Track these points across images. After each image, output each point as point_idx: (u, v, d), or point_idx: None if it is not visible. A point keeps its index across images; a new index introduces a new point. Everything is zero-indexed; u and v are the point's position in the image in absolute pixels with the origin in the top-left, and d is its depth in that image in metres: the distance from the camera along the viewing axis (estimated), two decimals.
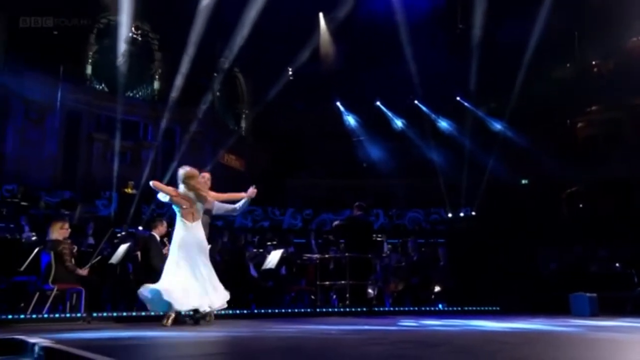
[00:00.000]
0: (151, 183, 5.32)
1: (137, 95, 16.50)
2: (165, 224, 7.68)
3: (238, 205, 6.01)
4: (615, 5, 13.43)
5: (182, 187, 5.26)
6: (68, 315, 5.80)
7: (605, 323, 5.82)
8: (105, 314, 5.87)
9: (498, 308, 9.42)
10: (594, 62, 16.28)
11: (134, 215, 12.71)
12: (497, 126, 16.05)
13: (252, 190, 5.72)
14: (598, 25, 14.33)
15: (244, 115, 19.16)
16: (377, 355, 2.68)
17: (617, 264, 10.78)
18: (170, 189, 5.31)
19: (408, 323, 5.66)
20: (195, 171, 5.38)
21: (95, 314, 5.73)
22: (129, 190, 14.62)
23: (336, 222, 9.42)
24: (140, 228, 10.19)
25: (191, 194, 5.25)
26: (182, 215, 5.23)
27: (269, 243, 9.83)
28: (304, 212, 15.78)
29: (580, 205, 16.19)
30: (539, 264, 11.98)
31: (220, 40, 15.14)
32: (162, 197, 5.34)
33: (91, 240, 9.35)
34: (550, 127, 15.80)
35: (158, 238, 6.92)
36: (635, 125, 15.85)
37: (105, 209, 13.32)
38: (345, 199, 13.69)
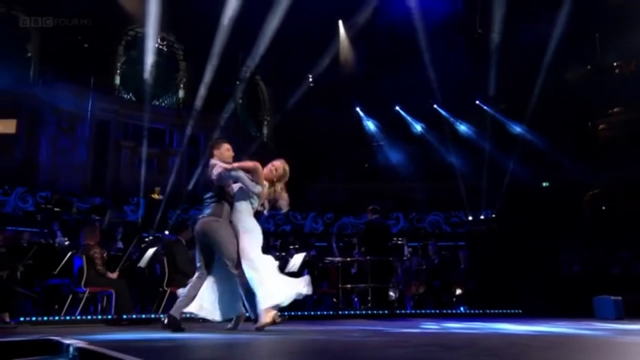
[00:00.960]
0: (253, 164, 4.65)
1: (163, 104, 16.79)
2: (190, 229, 7.79)
3: None
4: (636, 6, 13.13)
5: (271, 185, 4.77)
6: (99, 317, 5.91)
7: (631, 327, 5.66)
8: (134, 316, 5.96)
9: (520, 311, 9.26)
10: (615, 64, 15.94)
11: (161, 220, 12.90)
12: (517, 129, 15.82)
13: None
14: (619, 27, 14.03)
15: (265, 122, 19.31)
16: (400, 358, 2.66)
17: None
18: (262, 180, 4.67)
19: (430, 326, 5.60)
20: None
21: (124, 316, 5.83)
22: (155, 196, 14.86)
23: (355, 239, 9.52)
24: (167, 232, 10.33)
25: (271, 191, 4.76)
26: (253, 207, 4.67)
27: (291, 247, 9.86)
28: (325, 216, 15.80)
29: (603, 208, 15.83)
30: (561, 267, 11.75)
31: (243, 50, 15.32)
32: (244, 185, 4.56)
33: (120, 245, 9.52)
34: (571, 129, 15.51)
35: (184, 242, 7.00)
36: None
37: (133, 215, 13.55)
38: (365, 203, 13.67)
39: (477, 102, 16.24)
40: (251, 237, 4.55)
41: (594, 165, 14.77)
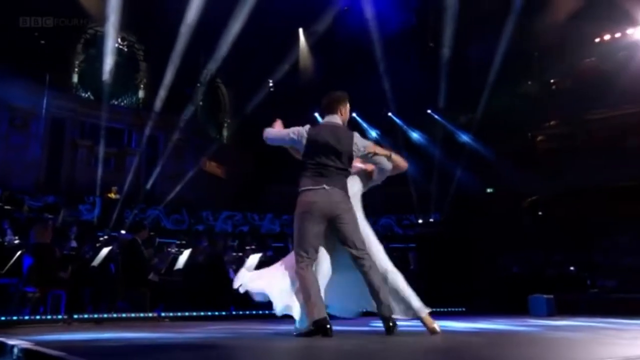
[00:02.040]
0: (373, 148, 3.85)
1: (122, 104, 16.28)
2: (147, 229, 7.60)
3: None
4: (572, 28, 13.89)
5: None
6: (49, 317, 5.66)
7: (560, 323, 5.96)
8: (86, 316, 5.75)
9: (464, 309, 9.57)
10: (552, 80, 16.76)
11: (117, 219, 12.51)
12: (465, 138, 16.35)
13: None
14: (557, 47, 14.80)
15: (225, 124, 19.08)
16: (348, 354, 2.70)
17: (571, 268, 11.06)
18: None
19: (378, 324, 5.68)
20: None
21: (75, 316, 5.61)
22: (112, 196, 14.37)
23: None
24: (123, 232, 10.02)
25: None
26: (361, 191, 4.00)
27: (247, 247, 9.78)
28: (282, 217, 15.77)
29: (540, 213, 16.57)
30: (502, 268, 12.23)
31: (204, 52, 15.10)
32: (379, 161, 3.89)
33: (74, 244, 9.17)
34: (513, 140, 16.16)
35: (140, 242, 6.83)
36: (589, 139, 16.35)
37: (88, 214, 13.08)
38: None
39: (429, 111, 16.66)
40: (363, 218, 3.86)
41: (533, 174, 15.44)
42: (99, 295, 7.05)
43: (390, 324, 3.61)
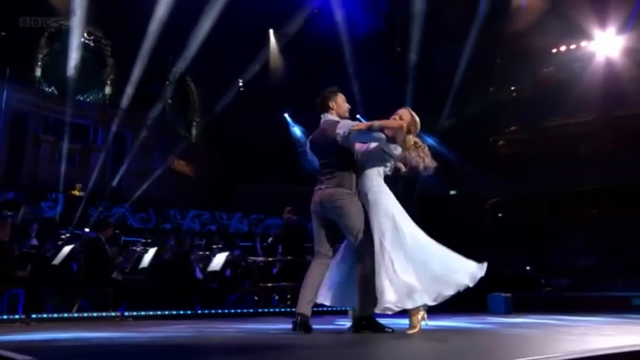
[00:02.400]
0: (398, 124, 3.69)
1: (88, 99, 15.79)
2: (112, 227, 7.41)
3: None
4: (531, 38, 14.38)
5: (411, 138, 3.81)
6: (5, 317, 5.44)
7: (516, 320, 6.16)
8: (45, 315, 5.55)
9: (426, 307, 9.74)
10: (513, 88, 17.30)
11: (81, 217, 12.13)
12: (429, 141, 16.65)
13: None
14: (518, 55, 15.30)
15: (194, 123, 18.79)
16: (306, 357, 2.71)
17: (527, 268, 11.44)
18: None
19: (344, 322, 5.73)
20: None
21: (34, 316, 5.41)
22: (76, 193, 13.92)
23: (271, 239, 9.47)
24: (87, 230, 9.72)
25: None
26: (384, 172, 3.76)
27: (214, 246, 9.66)
28: (251, 216, 15.65)
29: (500, 215, 17.06)
30: None
31: (174, 50, 14.84)
32: (387, 146, 3.65)
33: (34, 242, 8.83)
34: (476, 144, 16.58)
35: (104, 240, 6.64)
36: (547, 145, 16.96)
37: (50, 211, 12.62)
38: (292, 205, 13.71)
39: None
40: (387, 219, 3.60)
41: (494, 177, 15.89)
42: (59, 295, 6.81)
43: (363, 322, 3.66)
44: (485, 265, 3.84)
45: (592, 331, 4.08)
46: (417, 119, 3.93)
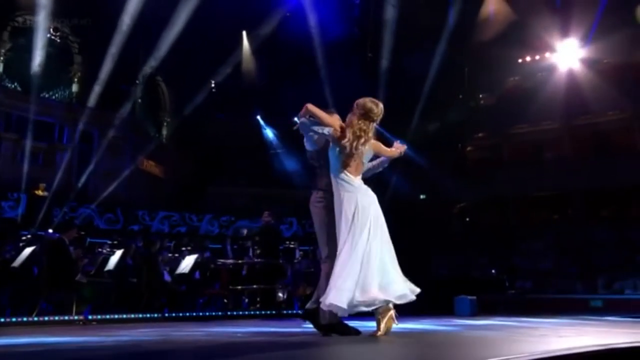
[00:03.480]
0: (306, 107, 3.68)
1: (54, 97, 15.28)
2: (76, 228, 7.20)
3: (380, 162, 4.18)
4: (498, 48, 14.79)
5: (353, 118, 3.71)
6: None
7: (480, 322, 6.29)
8: (2, 320, 5.34)
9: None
10: (480, 95, 17.75)
11: (44, 218, 11.72)
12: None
13: (399, 145, 4.17)
14: (485, 64, 15.70)
15: (165, 123, 18.45)
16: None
17: (492, 270, 11.73)
18: (331, 118, 3.70)
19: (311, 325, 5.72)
20: (381, 108, 3.79)
21: None
22: (39, 192, 13.43)
23: (244, 231, 9.35)
24: (51, 231, 9.40)
25: (361, 134, 3.60)
26: (344, 166, 3.58)
27: (183, 248, 9.52)
28: (221, 218, 15.46)
29: (467, 219, 17.43)
30: (431, 270, 12.75)
31: (144, 48, 14.54)
32: (316, 131, 3.64)
33: None
34: (445, 150, 16.90)
35: (67, 242, 6.44)
36: (512, 151, 17.45)
37: (11, 211, 12.14)
38: (263, 208, 13.62)
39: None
40: (346, 212, 3.50)
41: (462, 182, 16.22)
42: (19, 297, 6.57)
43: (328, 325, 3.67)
44: (417, 290, 3.78)
45: (551, 332, 4.21)
46: (374, 106, 3.90)
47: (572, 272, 11.80)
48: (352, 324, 3.86)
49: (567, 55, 15.23)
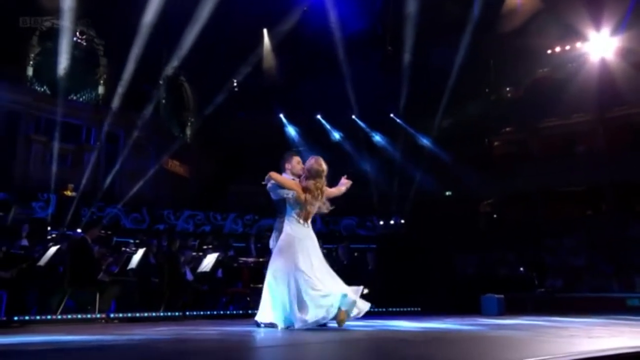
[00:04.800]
0: (270, 175, 4.50)
1: (81, 99, 15.64)
2: (98, 227, 7.31)
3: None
4: (526, 39, 14.33)
5: (309, 182, 4.48)
6: None
7: (506, 322, 6.07)
8: (27, 318, 5.43)
9: (419, 309, 9.66)
10: (507, 89, 17.25)
11: (73, 217, 11.99)
12: (425, 142, 16.58)
13: (345, 181, 4.91)
14: (512, 56, 15.25)
15: (189, 123, 18.66)
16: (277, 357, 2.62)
17: (521, 268, 11.36)
18: (293, 183, 4.52)
19: (331, 324, 5.63)
20: (325, 166, 4.58)
21: (15, 318, 5.29)
22: (68, 193, 13.79)
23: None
24: (79, 230, 9.60)
25: (317, 192, 4.46)
26: (299, 215, 4.46)
27: (205, 247, 9.56)
28: (245, 217, 15.52)
29: (494, 216, 17.01)
30: (457, 269, 12.46)
31: (167, 49, 14.71)
32: (280, 192, 4.50)
33: (25, 242, 8.71)
34: (471, 145, 16.53)
35: (89, 240, 6.53)
36: (541, 145, 16.92)
37: (42, 211, 12.47)
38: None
39: (391, 115, 16.81)
40: (281, 247, 4.44)
41: (488, 178, 15.83)
42: (45, 296, 6.70)
43: None
44: (360, 288, 4.48)
45: (582, 333, 3.98)
46: (317, 166, 4.62)
47: (605, 269, 11.33)
48: (352, 323, 4.31)
49: (599, 44, 14.65)
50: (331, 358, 2.56)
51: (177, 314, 6.71)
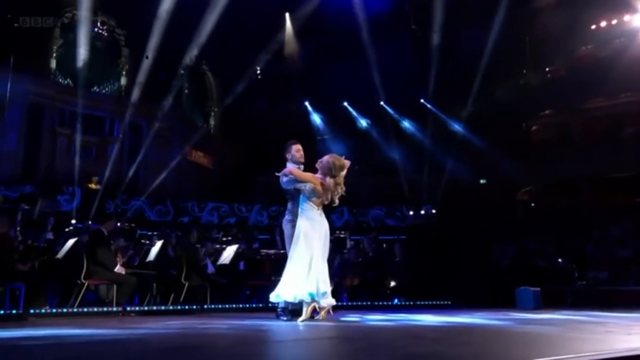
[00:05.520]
0: (291, 172, 4.90)
1: (104, 91, 15.95)
2: (114, 219, 7.42)
3: None
4: (566, 14, 13.63)
5: (329, 180, 4.87)
6: (1, 312, 5.46)
7: (541, 316, 5.80)
8: (43, 311, 5.55)
9: (449, 302, 9.42)
10: (547, 69, 16.51)
11: (97, 210, 12.27)
12: (457, 127, 16.12)
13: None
14: (551, 33, 14.54)
15: (212, 113, 18.77)
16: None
17: (559, 260, 10.91)
18: (312, 177, 4.88)
19: (351, 318, 5.52)
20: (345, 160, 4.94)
21: (32, 311, 5.41)
22: (92, 186, 14.12)
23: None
24: (91, 223, 9.80)
25: (332, 185, 4.86)
26: (314, 202, 4.85)
27: (224, 239, 9.59)
28: (270, 208, 15.53)
29: (533, 205, 16.42)
30: (492, 260, 12.10)
31: (189, 38, 14.78)
32: (297, 185, 4.87)
33: (50, 236, 8.97)
34: (507, 130, 15.97)
35: (105, 233, 6.62)
36: (583, 129, 16.17)
37: (67, 204, 12.80)
38: None
39: (422, 100, 16.39)
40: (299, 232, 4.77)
41: (526, 164, 15.27)
42: (63, 289, 6.85)
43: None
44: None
45: (620, 329, 3.72)
46: (332, 162, 4.89)
47: None
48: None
49: None
50: (321, 355, 2.44)
51: (194, 307, 6.74)
